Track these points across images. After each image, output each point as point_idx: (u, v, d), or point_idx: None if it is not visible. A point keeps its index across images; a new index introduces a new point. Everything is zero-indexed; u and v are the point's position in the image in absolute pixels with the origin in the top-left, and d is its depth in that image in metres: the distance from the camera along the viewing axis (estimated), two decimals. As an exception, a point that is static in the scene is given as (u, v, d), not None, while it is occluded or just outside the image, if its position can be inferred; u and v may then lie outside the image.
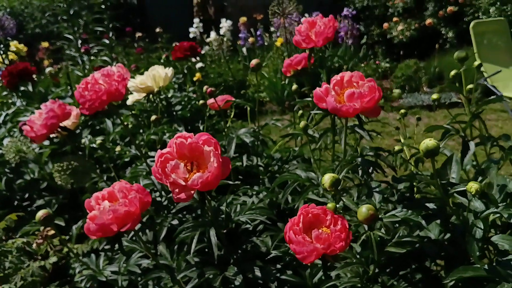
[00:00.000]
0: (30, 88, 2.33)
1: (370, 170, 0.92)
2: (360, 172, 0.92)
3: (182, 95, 1.81)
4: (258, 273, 0.91)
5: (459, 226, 0.87)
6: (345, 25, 5.86)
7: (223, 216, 0.95)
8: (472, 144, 1.11)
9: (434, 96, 1.18)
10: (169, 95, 1.77)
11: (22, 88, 2.28)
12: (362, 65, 5.49)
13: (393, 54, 6.14)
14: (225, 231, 0.91)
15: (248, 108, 1.62)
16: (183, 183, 0.70)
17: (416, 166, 1.32)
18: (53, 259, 1.16)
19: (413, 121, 3.76)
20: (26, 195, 1.67)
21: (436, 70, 5.34)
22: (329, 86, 0.85)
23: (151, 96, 1.48)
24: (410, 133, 1.66)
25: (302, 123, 1.02)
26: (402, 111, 1.57)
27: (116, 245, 0.78)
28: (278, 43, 5.06)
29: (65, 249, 1.24)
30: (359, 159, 0.93)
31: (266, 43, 6.08)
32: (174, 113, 1.51)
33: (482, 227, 0.79)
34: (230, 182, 0.87)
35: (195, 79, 2.31)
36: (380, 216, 0.77)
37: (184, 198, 0.71)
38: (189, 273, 0.91)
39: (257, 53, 5.96)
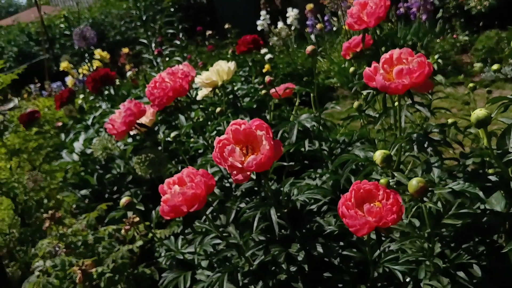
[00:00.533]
0: (112, 91, 2.56)
1: (425, 146, 0.92)
2: (415, 148, 0.93)
3: (248, 87, 1.89)
4: (320, 249, 0.96)
5: (523, 197, 0.86)
6: (416, 0, 5.62)
7: (285, 197, 1.01)
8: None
9: (494, 67, 1.14)
10: (236, 88, 1.85)
11: (106, 92, 2.51)
12: (438, 40, 5.24)
13: (472, 26, 5.78)
14: (286, 210, 0.98)
15: (312, 94, 1.66)
16: (240, 166, 0.78)
17: (488, 140, 1.28)
18: (139, 242, 1.30)
19: (495, 95, 3.54)
20: (115, 188, 1.85)
21: (522, 39, 4.95)
22: (378, 65, 0.88)
23: (216, 90, 1.57)
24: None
25: (356, 104, 1.05)
26: (471, 85, 1.53)
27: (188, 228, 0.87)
28: (347, 27, 4.98)
29: (150, 235, 1.38)
30: (414, 135, 0.94)
31: (334, 28, 6.01)
32: (239, 104, 1.59)
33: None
34: (285, 164, 0.92)
35: (264, 70, 2.39)
36: (434, 189, 0.79)
37: (241, 179, 0.78)
38: (256, 250, 0.99)
39: (326, 38, 5.91)
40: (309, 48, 1.20)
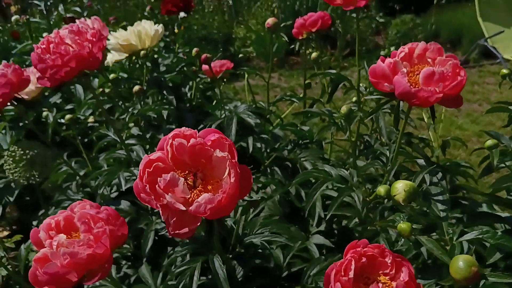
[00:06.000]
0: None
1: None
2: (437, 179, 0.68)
3: (171, 56, 1.52)
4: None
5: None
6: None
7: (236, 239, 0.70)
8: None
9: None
10: (156, 56, 1.46)
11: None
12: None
13: (387, 9, 5.81)
14: (231, 256, 0.68)
15: (246, 75, 1.35)
16: (183, 208, 0.46)
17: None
18: (2, 272, 0.91)
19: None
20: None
21: (433, 27, 5.07)
22: (398, 60, 0.61)
23: (133, 58, 1.19)
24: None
25: (345, 109, 0.76)
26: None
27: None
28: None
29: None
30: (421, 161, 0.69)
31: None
32: (162, 79, 1.22)
33: None
34: (246, 198, 0.62)
35: (176, 31, 2.01)
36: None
37: (185, 233, 0.47)
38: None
39: (243, 3, 5.56)
40: (271, 21, 0.88)
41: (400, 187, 0.53)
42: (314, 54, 1.08)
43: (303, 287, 0.76)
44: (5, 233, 0.96)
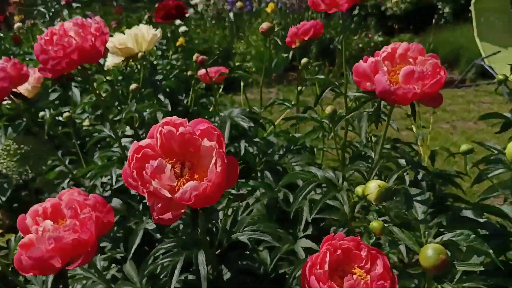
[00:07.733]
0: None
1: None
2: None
3: (164, 62, 1.54)
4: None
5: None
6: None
7: (216, 227, 0.71)
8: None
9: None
10: (154, 62, 1.49)
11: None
12: (355, 37, 5.22)
13: (386, 28, 5.89)
14: (218, 252, 0.68)
15: (242, 83, 1.38)
16: (169, 195, 0.47)
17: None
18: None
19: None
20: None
21: (431, 46, 5.13)
22: (379, 59, 0.63)
23: (131, 61, 1.21)
24: (424, 121, 1.42)
25: (329, 109, 0.78)
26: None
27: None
28: (268, 9, 4.74)
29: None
30: (402, 161, 0.71)
31: (254, 9, 5.75)
32: (158, 82, 1.24)
33: None
34: (233, 192, 0.64)
35: (177, 43, 2.05)
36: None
37: (169, 219, 0.48)
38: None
39: (245, 19, 5.63)
40: (265, 25, 0.91)
41: (373, 186, 0.54)
42: (303, 60, 1.10)
43: (288, 288, 0.76)
44: (-4, 230, 0.96)
